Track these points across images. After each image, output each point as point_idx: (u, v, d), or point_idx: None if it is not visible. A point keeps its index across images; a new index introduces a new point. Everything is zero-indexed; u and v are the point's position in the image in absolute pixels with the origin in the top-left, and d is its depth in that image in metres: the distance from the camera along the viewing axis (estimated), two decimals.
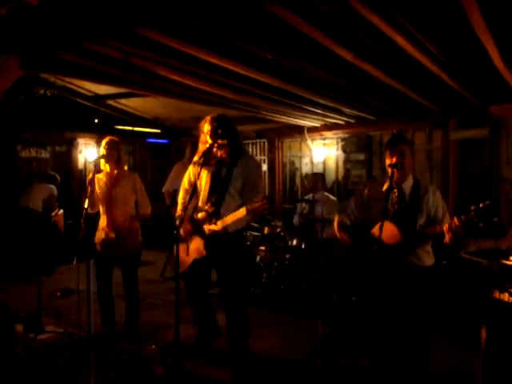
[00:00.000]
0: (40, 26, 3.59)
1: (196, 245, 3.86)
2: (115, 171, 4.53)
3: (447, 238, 3.05)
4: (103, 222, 4.52)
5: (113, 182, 4.51)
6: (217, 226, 3.68)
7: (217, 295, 4.33)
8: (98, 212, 4.56)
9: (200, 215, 3.85)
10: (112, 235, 4.45)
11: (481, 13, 3.13)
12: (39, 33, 3.67)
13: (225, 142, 3.82)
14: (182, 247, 3.94)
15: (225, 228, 3.70)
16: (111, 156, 4.47)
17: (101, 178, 4.54)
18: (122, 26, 3.45)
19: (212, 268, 4.07)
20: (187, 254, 3.93)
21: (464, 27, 3.48)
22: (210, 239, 3.77)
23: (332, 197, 6.88)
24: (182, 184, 4.14)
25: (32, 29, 3.62)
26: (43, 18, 3.48)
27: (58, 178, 8.13)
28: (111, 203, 4.48)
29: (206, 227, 3.75)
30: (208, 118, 3.93)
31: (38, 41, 3.80)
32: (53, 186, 7.84)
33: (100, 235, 4.52)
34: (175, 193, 6.82)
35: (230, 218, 3.63)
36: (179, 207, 4.13)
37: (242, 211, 3.50)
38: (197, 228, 3.85)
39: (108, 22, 3.42)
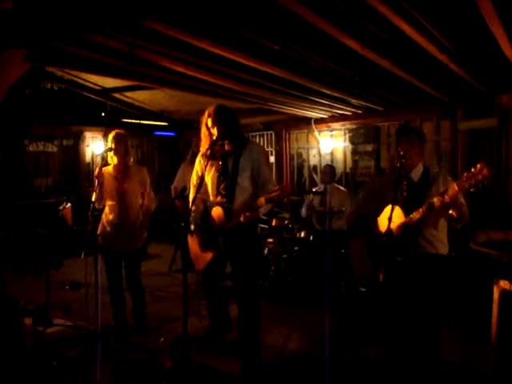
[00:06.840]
0: (45, 19, 3.58)
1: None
2: (123, 165, 4.50)
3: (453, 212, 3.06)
4: (110, 216, 4.49)
5: (122, 175, 4.48)
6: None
7: (228, 288, 4.32)
8: (104, 206, 4.54)
9: (214, 211, 3.80)
10: (124, 229, 4.43)
11: (490, 0, 3.09)
12: (44, 25, 3.66)
13: (229, 134, 3.78)
14: (196, 242, 3.90)
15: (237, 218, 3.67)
16: (119, 149, 4.43)
17: (109, 171, 4.51)
18: (127, 18, 3.42)
19: (227, 260, 4.04)
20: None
21: (473, 15, 3.43)
22: (225, 233, 3.73)
23: (342, 188, 6.89)
24: (191, 181, 4.06)
25: (37, 22, 3.61)
26: (47, 10, 3.46)
27: None
28: (121, 197, 4.45)
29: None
30: (209, 110, 3.84)
31: (42, 33, 3.78)
32: None
33: (105, 229, 4.50)
34: (184, 189, 6.87)
35: (249, 215, 3.59)
36: (190, 203, 4.06)
37: (261, 201, 3.45)
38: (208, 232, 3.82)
39: (112, 14, 3.40)
